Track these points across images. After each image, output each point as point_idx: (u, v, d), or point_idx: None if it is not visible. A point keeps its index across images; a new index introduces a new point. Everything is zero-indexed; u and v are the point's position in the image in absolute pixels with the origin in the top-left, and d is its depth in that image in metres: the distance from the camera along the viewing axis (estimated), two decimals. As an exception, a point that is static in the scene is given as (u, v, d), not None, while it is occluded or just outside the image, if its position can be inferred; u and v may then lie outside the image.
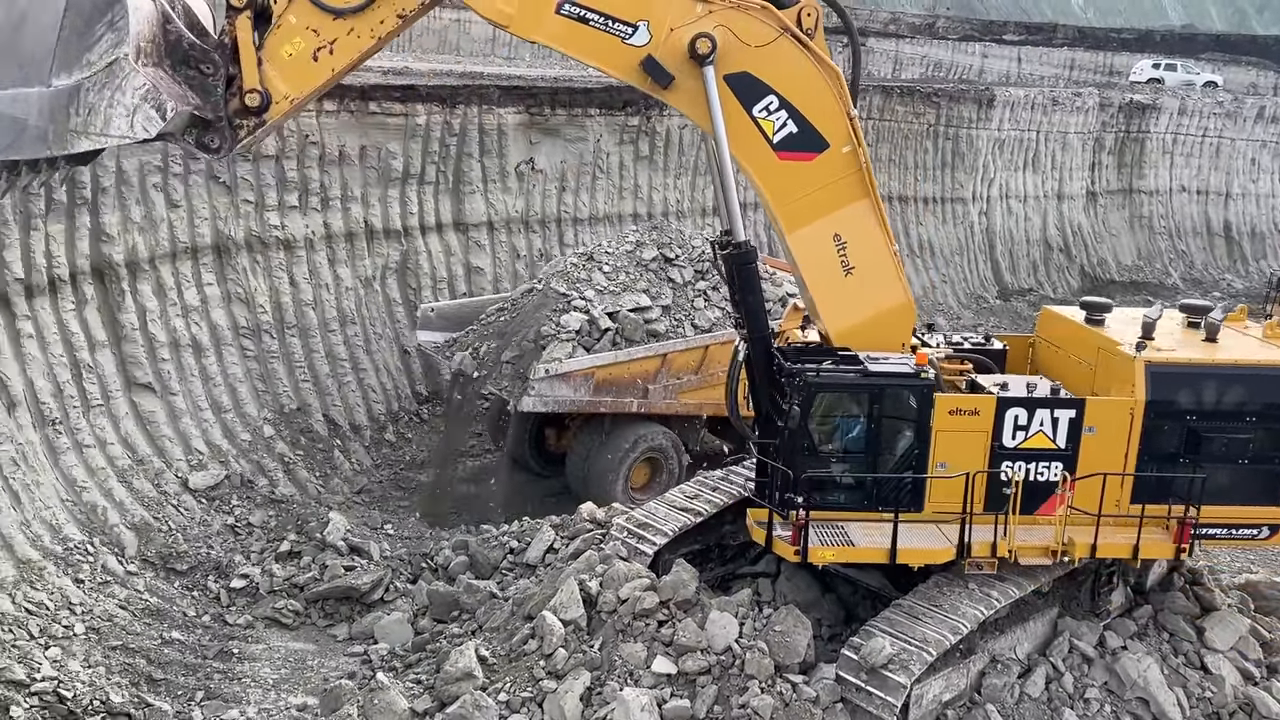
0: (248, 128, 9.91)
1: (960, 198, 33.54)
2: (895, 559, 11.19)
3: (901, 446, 11.43)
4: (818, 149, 11.01)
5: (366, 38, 10.03)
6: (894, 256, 11.71)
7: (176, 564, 14.43)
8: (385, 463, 19.04)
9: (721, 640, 10.87)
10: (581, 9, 10.29)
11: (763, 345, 11.50)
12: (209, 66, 9.71)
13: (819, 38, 10.82)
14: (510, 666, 11.34)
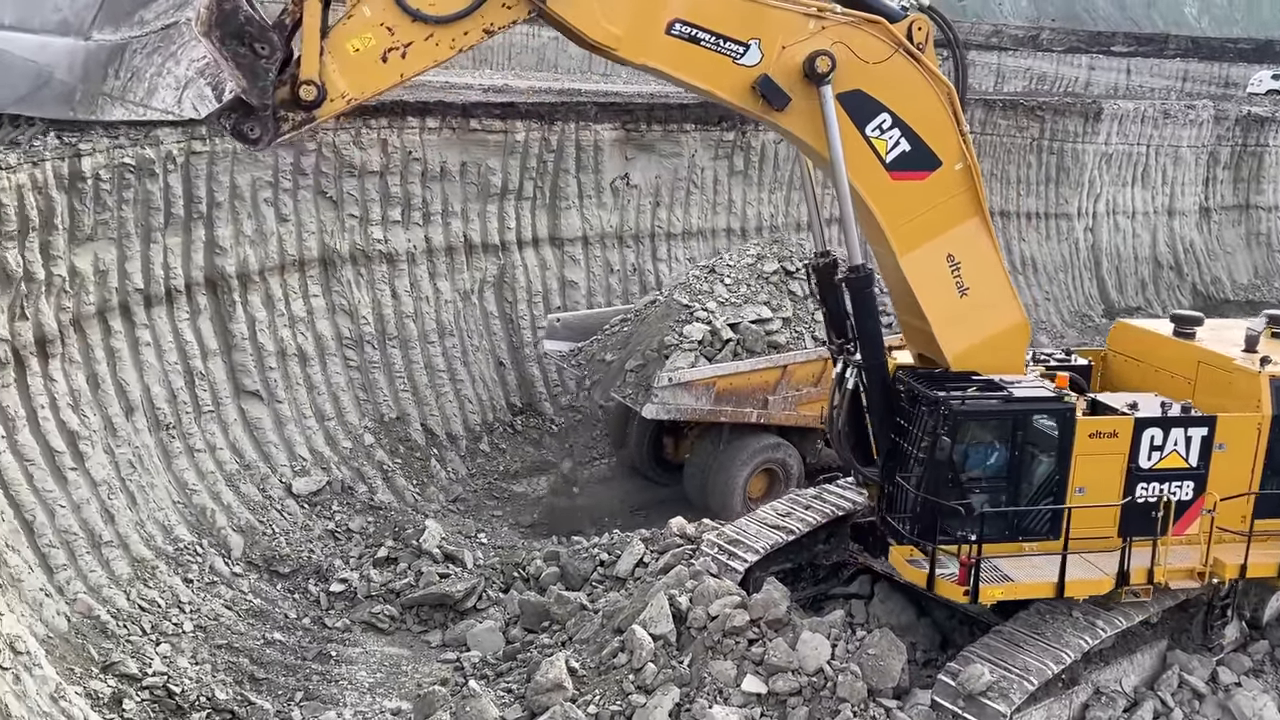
0: (293, 122, 8.87)
1: (1065, 213, 32.60)
2: (1063, 593, 10.91)
3: (1042, 473, 11.14)
4: (930, 167, 10.69)
5: (445, 47, 9.15)
6: (1007, 274, 11.50)
7: (279, 567, 14.89)
8: (480, 472, 19.34)
9: (813, 661, 10.73)
10: (693, 28, 9.72)
11: (880, 373, 11.22)
12: (264, 47, 8.42)
13: (929, 51, 10.55)
14: (600, 679, 11.38)
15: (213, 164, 16.88)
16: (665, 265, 23.89)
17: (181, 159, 16.37)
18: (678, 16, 9.57)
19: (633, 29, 9.55)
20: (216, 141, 16.80)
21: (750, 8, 9.81)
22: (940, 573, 10.76)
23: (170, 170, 16.07)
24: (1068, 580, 10.82)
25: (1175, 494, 11.35)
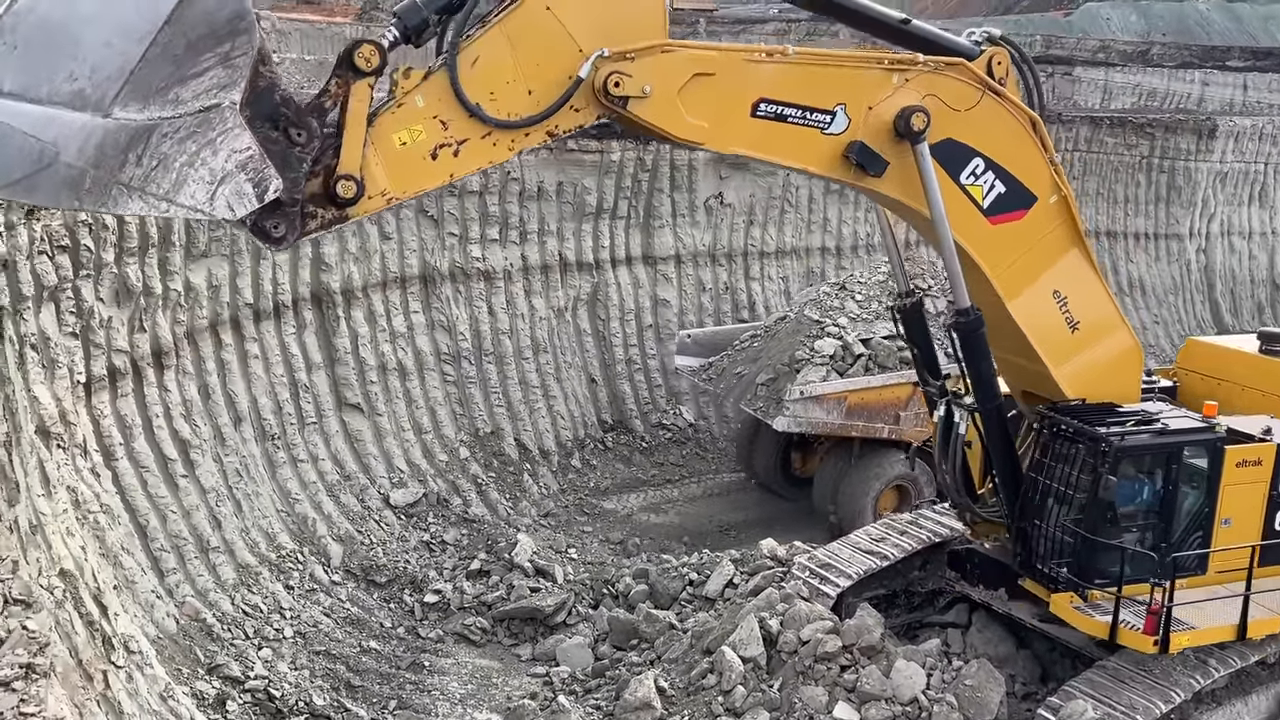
0: (323, 219, 7.72)
1: (1176, 234, 31.44)
2: (1245, 634, 10.61)
3: (1191, 505, 10.81)
4: (1027, 205, 10.27)
5: (504, 149, 8.24)
6: (1114, 299, 11.15)
7: (376, 576, 15.22)
8: (570, 488, 19.48)
9: (908, 690, 10.50)
10: (778, 106, 9.13)
11: (999, 416, 10.93)
12: (301, 133, 7.32)
13: (1010, 84, 10.15)
14: (688, 700, 11.32)
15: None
16: (758, 284, 23.82)
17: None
18: (763, 96, 9.03)
19: (719, 118, 8.96)
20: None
21: (832, 72, 9.34)
22: (1125, 623, 10.32)
23: (280, 189, 16.66)
24: (1249, 620, 10.52)
25: None
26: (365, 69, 7.47)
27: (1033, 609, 11.90)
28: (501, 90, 8.06)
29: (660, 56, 8.46)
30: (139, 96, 6.43)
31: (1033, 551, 11.11)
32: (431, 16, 7.93)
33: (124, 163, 6.44)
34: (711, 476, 20.81)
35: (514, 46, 8.04)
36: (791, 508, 19.51)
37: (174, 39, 6.41)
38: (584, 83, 8.18)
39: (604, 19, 8.26)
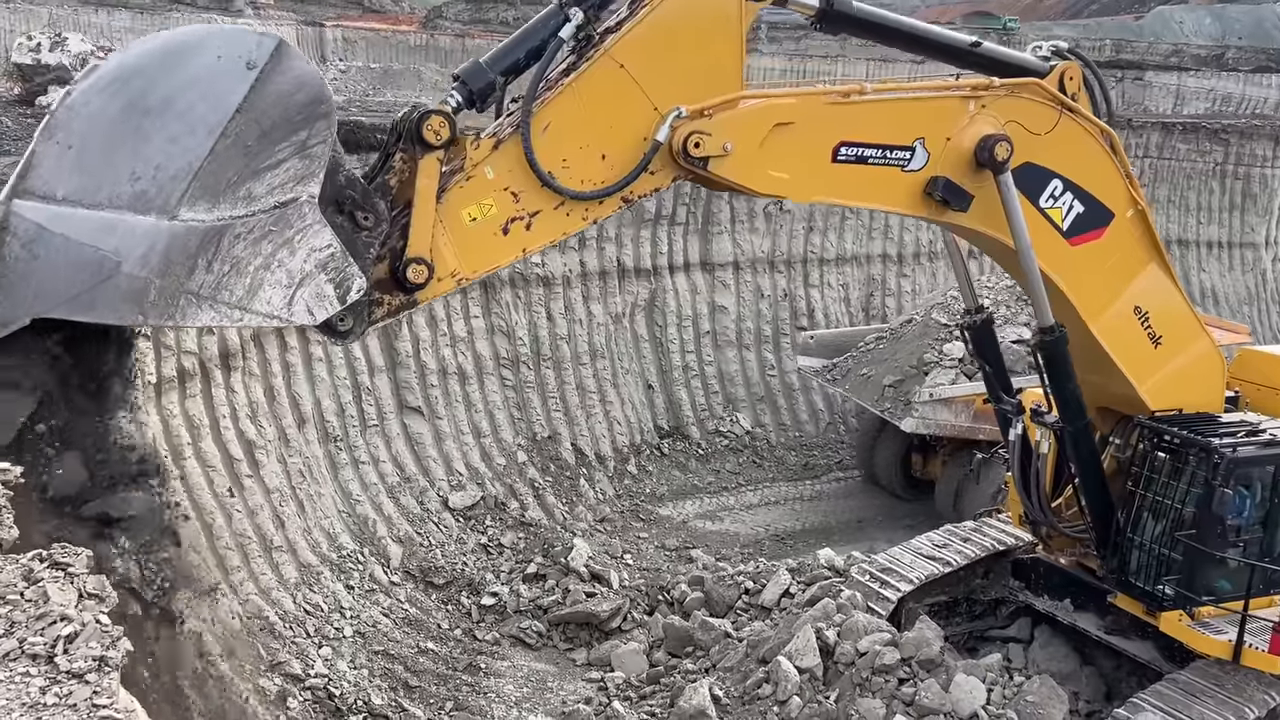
0: (390, 307, 7.26)
1: (1251, 242, 30.56)
2: None
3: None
4: (1106, 222, 9.98)
5: (577, 219, 7.79)
6: (1193, 309, 10.92)
7: (434, 578, 15.37)
8: (626, 493, 19.50)
9: (967, 706, 10.31)
10: (858, 148, 8.76)
11: (1086, 433, 10.69)
12: (368, 216, 6.75)
13: (1082, 98, 9.85)
14: (743, 709, 11.24)
15: (383, 189, 17.72)
16: (818, 291, 23.64)
17: (355, 185, 17.27)
18: (843, 140, 8.66)
19: (800, 169, 8.57)
20: (387, 168, 17.65)
21: (907, 106, 9.02)
22: (1250, 644, 10.05)
23: (345, 195, 16.96)
24: None
25: None
26: (435, 143, 6.98)
27: (1098, 621, 11.63)
28: (575, 156, 7.64)
29: (740, 111, 8.07)
30: (208, 195, 5.84)
31: (1130, 567, 10.83)
32: (498, 79, 7.62)
33: (193, 269, 5.82)
34: (768, 485, 20.69)
35: (587, 108, 7.66)
36: (850, 518, 19.34)
37: (246, 128, 5.86)
38: (661, 145, 7.79)
39: (680, 72, 7.85)
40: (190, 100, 5.86)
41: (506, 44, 7.86)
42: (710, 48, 7.94)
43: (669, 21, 7.73)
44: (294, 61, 6.07)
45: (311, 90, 6.07)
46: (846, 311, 24.18)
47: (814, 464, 21.70)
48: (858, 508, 19.87)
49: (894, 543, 15.93)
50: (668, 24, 7.73)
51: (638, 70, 7.72)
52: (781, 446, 21.94)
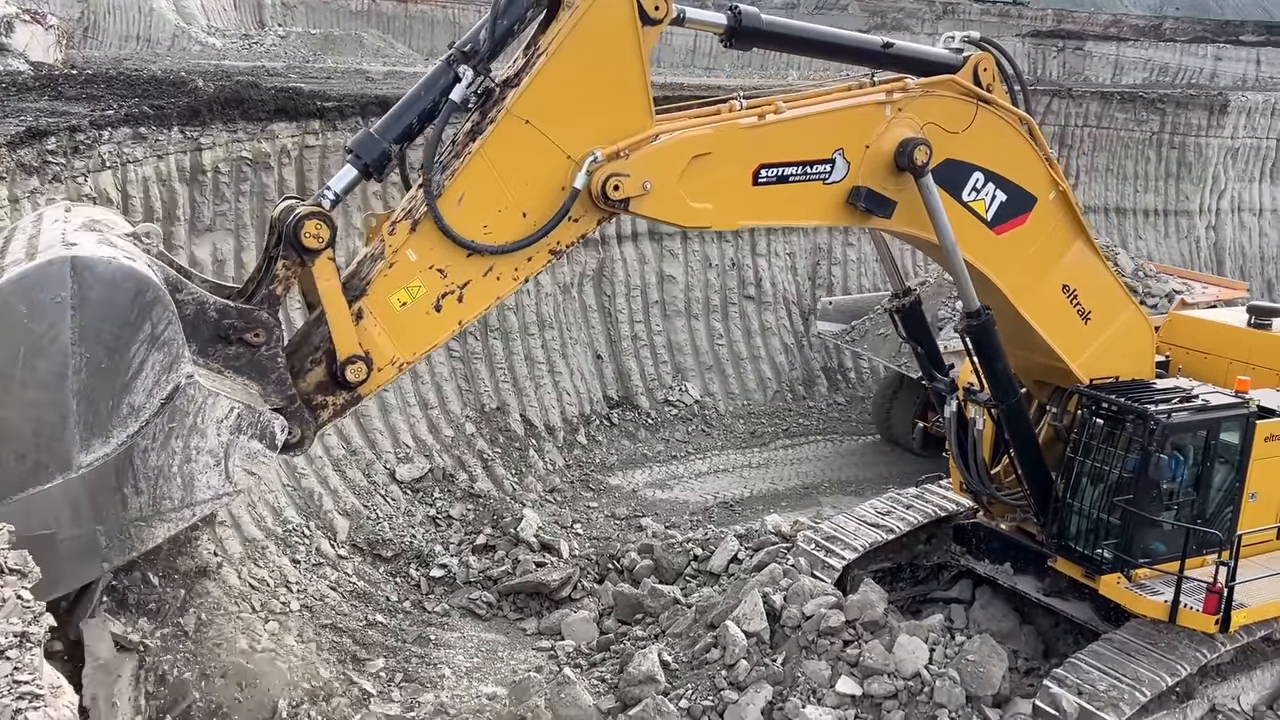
0: (335, 407, 7.31)
1: (1186, 210, 31.25)
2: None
3: (1223, 481, 10.81)
4: (1028, 208, 10.08)
5: (508, 279, 7.71)
6: (1120, 281, 11.09)
7: (382, 550, 15.28)
8: (576, 463, 19.52)
9: (910, 665, 10.52)
10: (779, 168, 8.67)
11: (1019, 409, 10.85)
12: (258, 333, 6.72)
13: (997, 87, 9.82)
14: (692, 674, 11.37)
15: (325, 157, 17.40)
16: (765, 260, 23.72)
17: (296, 152, 16.93)
18: (762, 162, 8.56)
19: (723, 197, 8.49)
20: (329, 135, 17.32)
21: (823, 120, 8.87)
22: (1185, 605, 10.29)
23: (285, 164, 16.62)
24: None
25: None
26: (317, 247, 6.92)
27: (1037, 583, 11.92)
28: (495, 220, 7.53)
29: (657, 148, 7.94)
30: (97, 431, 5.84)
31: (1069, 532, 11.07)
32: (391, 148, 7.48)
33: (125, 500, 5.94)
34: (717, 453, 20.83)
35: (499, 171, 7.50)
36: (796, 485, 19.57)
37: (92, 356, 5.80)
38: (580, 192, 7.63)
39: (587, 115, 7.66)
40: (25, 366, 5.75)
41: (397, 108, 7.63)
42: (614, 84, 7.73)
43: (567, 66, 7.52)
44: (97, 269, 5.87)
45: (128, 286, 5.93)
46: (794, 280, 24.32)
47: (762, 432, 21.88)
48: (808, 473, 20.11)
49: (840, 508, 16.19)
50: (567, 69, 7.53)
51: (544, 123, 7.55)
52: (730, 415, 22.10)
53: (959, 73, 9.52)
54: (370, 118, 17.89)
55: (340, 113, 17.64)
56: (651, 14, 7.69)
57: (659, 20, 7.76)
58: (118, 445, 5.92)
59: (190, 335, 6.40)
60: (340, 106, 17.68)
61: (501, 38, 7.55)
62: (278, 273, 6.95)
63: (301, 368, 7.23)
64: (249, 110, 16.16)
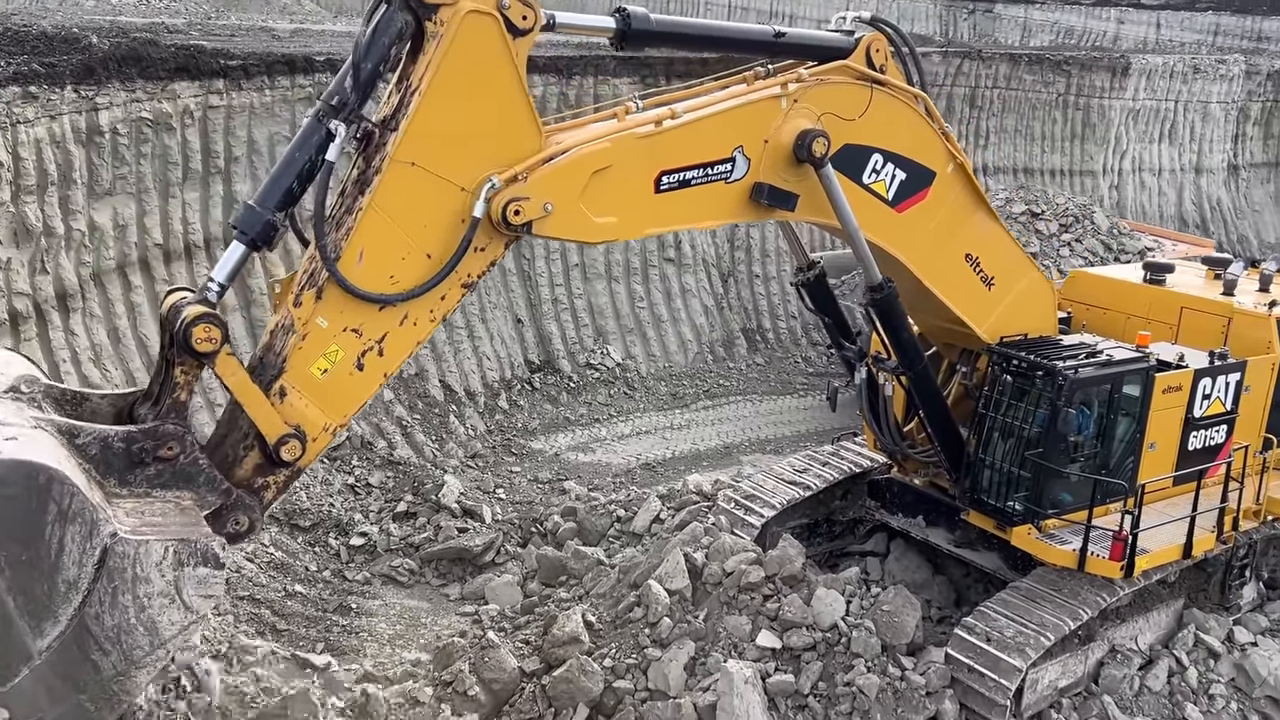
0: (278, 486, 7.33)
1: (1090, 170, 32.19)
2: (1190, 552, 11.23)
3: (1125, 432, 11.16)
4: (928, 183, 10.17)
5: (425, 323, 7.59)
6: (1018, 244, 11.34)
7: (300, 520, 15.06)
8: (498, 428, 19.45)
9: (828, 617, 10.79)
10: (679, 173, 8.52)
11: (926, 374, 11.07)
12: (170, 445, 6.74)
13: (890, 66, 9.83)
14: (616, 633, 11.49)
15: (230, 118, 16.85)
16: (684, 222, 23.83)
17: (199, 113, 16.36)
18: (663, 170, 8.39)
19: (626, 209, 8.32)
20: (233, 95, 16.77)
21: (720, 119, 8.71)
22: (1093, 552, 10.66)
23: (188, 125, 16.05)
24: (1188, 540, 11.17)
25: (1215, 439, 11.61)
26: (212, 349, 6.79)
27: (949, 535, 12.29)
28: (401, 269, 7.34)
29: (555, 168, 7.73)
30: (43, 615, 5.91)
31: (981, 486, 11.36)
32: (276, 216, 7.25)
33: (97, 665, 6.07)
34: (639, 415, 20.96)
35: (395, 220, 7.28)
36: (717, 445, 19.80)
37: (9, 551, 5.77)
38: (480, 221, 7.42)
39: (473, 144, 7.45)
40: None
41: (274, 173, 7.38)
42: (494, 106, 7.48)
43: (443, 99, 7.27)
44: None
45: (18, 478, 5.78)
46: (713, 243, 24.44)
47: (683, 393, 22.06)
48: (729, 432, 20.36)
49: (760, 467, 16.45)
50: (443, 102, 7.27)
51: (431, 161, 7.33)
52: (652, 377, 22.22)
53: (852, 56, 9.52)
54: (276, 77, 17.38)
55: (245, 71, 17.08)
56: (519, 25, 7.41)
57: (528, 30, 7.45)
58: (68, 622, 5.98)
59: (104, 472, 6.47)
60: (245, 65, 17.11)
61: (368, 82, 7.23)
62: (178, 380, 6.86)
63: (235, 456, 7.19)
64: (148, 69, 15.54)
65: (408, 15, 7.20)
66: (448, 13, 7.18)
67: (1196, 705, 11.10)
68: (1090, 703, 10.83)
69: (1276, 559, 13.04)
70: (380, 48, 7.21)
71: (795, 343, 24.51)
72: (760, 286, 25.04)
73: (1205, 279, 13.43)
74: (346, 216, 7.32)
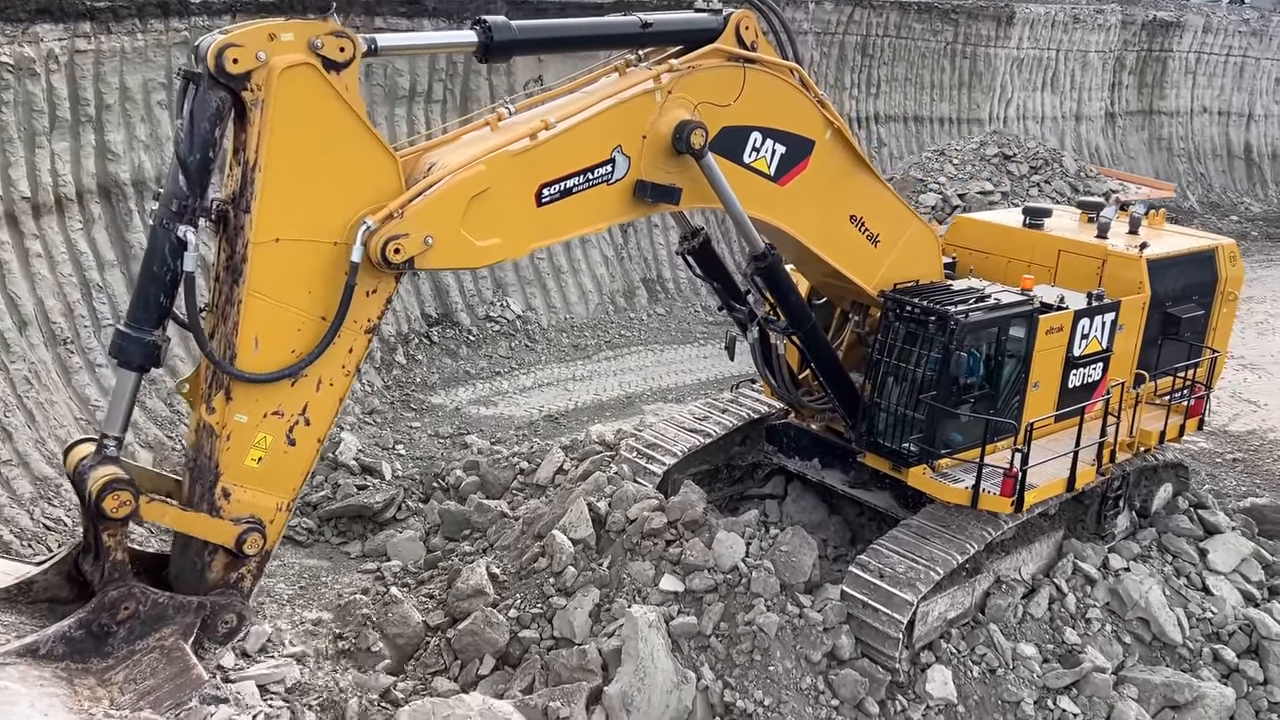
0: (252, 572, 7.62)
1: (977, 118, 32.98)
2: (1074, 486, 11.70)
3: (1012, 373, 11.49)
4: (808, 152, 10.22)
5: (341, 378, 7.54)
6: (900, 199, 11.53)
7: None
8: (396, 384, 19.14)
9: (728, 560, 11.01)
10: (560, 183, 8.37)
11: (815, 333, 11.22)
12: (127, 606, 6.97)
13: (762, 42, 9.74)
14: (520, 584, 11.53)
15: (99, 64, 15.96)
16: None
17: (65, 58, 15.44)
18: (543, 183, 8.24)
19: (509, 228, 8.12)
20: (102, 39, 15.87)
21: (596, 122, 8.54)
22: (985, 490, 10.95)
23: (53, 70, 15.15)
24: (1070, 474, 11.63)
25: (1092, 376, 12.09)
26: (126, 514, 6.90)
27: (843, 476, 12.63)
28: (299, 340, 7.29)
29: (431, 200, 7.47)
30: None
31: (877, 429, 11.63)
32: (155, 335, 7.12)
33: None
34: (541, 367, 20.88)
35: (277, 297, 7.15)
36: (619, 395, 19.88)
37: None
38: (359, 265, 7.21)
39: (333, 196, 7.22)
40: None
41: (137, 293, 7.18)
42: (338, 150, 7.17)
43: (283, 164, 6.97)
44: None
45: None
46: (610, 191, 24.30)
47: (585, 344, 22.04)
48: (631, 382, 20.45)
49: (661, 415, 16.58)
50: (284, 168, 6.97)
51: (294, 230, 7.10)
52: (553, 329, 22.12)
53: (721, 36, 9.41)
54: (149, 20, 16.51)
55: (114, 14, 16.15)
56: (339, 59, 7.06)
57: (348, 62, 7.11)
58: None
59: (82, 658, 6.69)
60: (114, 7, 16.16)
61: (200, 174, 6.92)
62: (108, 544, 6.96)
63: (203, 563, 7.42)
64: (5, 10, 14.57)
65: (220, 92, 6.81)
66: (261, 75, 6.83)
67: (1075, 629, 11.72)
68: (977, 631, 11.33)
69: (1148, 489, 13.77)
70: (203, 135, 6.86)
71: (695, 292, 24.66)
72: (660, 236, 25.07)
73: (1080, 223, 13.93)
74: (228, 307, 7.16)
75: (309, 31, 6.95)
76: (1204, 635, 12.11)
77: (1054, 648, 11.43)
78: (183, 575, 7.65)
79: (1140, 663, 11.71)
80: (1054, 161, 27.05)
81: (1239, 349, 23.43)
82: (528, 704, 9.61)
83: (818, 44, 29.13)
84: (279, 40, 6.84)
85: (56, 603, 7.29)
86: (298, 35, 6.90)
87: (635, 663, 9.87)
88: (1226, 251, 13.68)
